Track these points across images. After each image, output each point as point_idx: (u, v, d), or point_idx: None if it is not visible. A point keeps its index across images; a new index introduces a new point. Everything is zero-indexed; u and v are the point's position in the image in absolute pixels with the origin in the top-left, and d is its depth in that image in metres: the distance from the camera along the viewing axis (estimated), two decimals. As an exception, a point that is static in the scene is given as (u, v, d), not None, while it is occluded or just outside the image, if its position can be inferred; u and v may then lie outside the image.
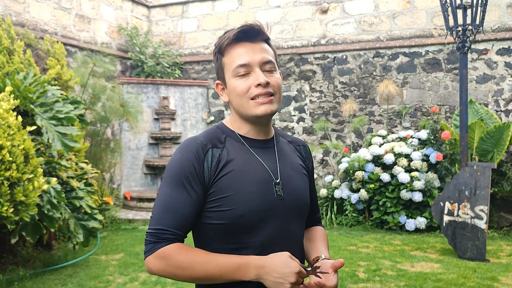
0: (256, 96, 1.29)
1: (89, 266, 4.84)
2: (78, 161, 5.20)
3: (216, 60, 1.37)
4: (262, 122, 1.35)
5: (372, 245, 5.64)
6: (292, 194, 1.35)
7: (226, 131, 1.37)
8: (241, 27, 1.30)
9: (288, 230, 1.33)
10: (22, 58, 5.42)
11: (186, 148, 1.30)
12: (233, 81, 1.31)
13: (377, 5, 7.70)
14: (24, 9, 6.76)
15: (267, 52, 1.34)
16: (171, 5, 9.32)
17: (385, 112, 7.55)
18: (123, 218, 7.03)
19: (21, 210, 3.68)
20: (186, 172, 1.26)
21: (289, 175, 1.37)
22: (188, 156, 1.27)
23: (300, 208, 1.39)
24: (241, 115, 1.35)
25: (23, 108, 4.43)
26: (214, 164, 1.28)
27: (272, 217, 1.29)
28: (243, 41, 1.31)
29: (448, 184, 5.20)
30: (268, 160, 1.35)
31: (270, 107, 1.29)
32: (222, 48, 1.33)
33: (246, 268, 1.18)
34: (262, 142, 1.38)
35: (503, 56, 6.82)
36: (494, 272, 4.52)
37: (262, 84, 1.27)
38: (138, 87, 8.30)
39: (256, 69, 1.29)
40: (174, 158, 1.30)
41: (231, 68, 1.31)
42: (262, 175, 1.31)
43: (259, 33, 1.32)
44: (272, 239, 1.29)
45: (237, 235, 1.27)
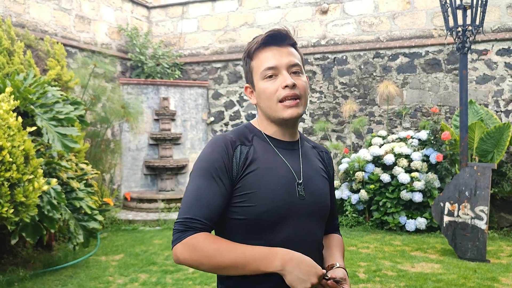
0: (284, 99, 1.33)
1: (89, 267, 4.84)
2: (78, 162, 5.20)
3: (245, 64, 1.43)
4: (289, 125, 1.40)
5: (372, 245, 5.64)
6: (314, 196, 1.38)
7: (254, 130, 1.42)
8: (268, 32, 1.36)
9: (308, 230, 1.37)
10: (22, 59, 5.42)
11: (216, 143, 1.34)
12: (261, 83, 1.37)
13: (377, 5, 7.71)
14: (24, 10, 6.76)
15: (294, 55, 1.38)
16: (171, 6, 9.33)
17: (385, 113, 7.55)
18: (123, 218, 7.03)
19: (21, 211, 3.68)
20: (216, 165, 1.30)
21: (311, 177, 1.41)
22: (218, 150, 1.32)
23: (321, 210, 1.42)
24: (268, 117, 1.40)
25: (23, 109, 4.43)
26: (242, 160, 1.33)
27: (293, 216, 1.33)
28: (270, 45, 1.37)
29: (448, 184, 5.20)
30: (292, 161, 1.39)
31: (296, 110, 1.34)
32: (250, 52, 1.39)
33: (273, 257, 1.19)
34: (288, 144, 1.42)
35: (503, 56, 6.82)
36: (495, 273, 4.51)
37: (289, 85, 1.32)
38: (138, 88, 8.30)
39: (283, 72, 1.34)
40: (204, 152, 1.35)
41: (259, 71, 1.36)
42: (285, 175, 1.35)
43: (286, 37, 1.38)
44: (293, 238, 1.31)
45: (259, 232, 1.29)
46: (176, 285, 4.26)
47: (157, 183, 8.25)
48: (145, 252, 5.41)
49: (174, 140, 8.37)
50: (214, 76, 8.78)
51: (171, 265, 4.90)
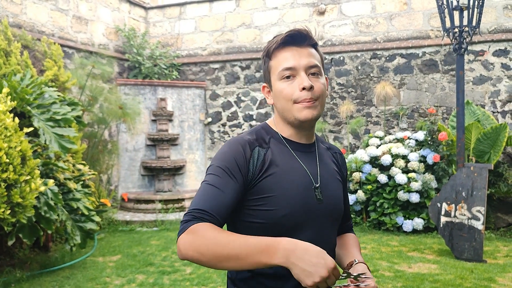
0: (300, 101, 1.30)
1: (86, 268, 4.83)
2: (76, 162, 5.19)
3: (263, 63, 1.41)
4: (305, 127, 1.37)
5: (369, 246, 5.65)
6: (330, 199, 1.37)
7: (270, 132, 1.40)
8: (289, 32, 1.34)
9: (324, 234, 1.35)
10: (19, 59, 5.41)
11: (233, 143, 1.33)
12: (278, 84, 1.34)
13: (374, 6, 7.72)
14: (21, 10, 6.75)
15: (313, 56, 1.35)
16: (169, 7, 9.32)
17: (382, 113, 7.56)
18: (121, 219, 7.02)
19: (18, 212, 3.67)
20: (230, 163, 1.28)
21: (327, 180, 1.40)
22: (235, 149, 1.30)
23: (336, 214, 1.41)
24: (284, 118, 1.37)
25: (20, 109, 4.42)
26: (259, 162, 1.31)
27: (311, 220, 1.31)
28: (290, 45, 1.34)
29: (445, 185, 5.22)
30: (309, 164, 1.37)
31: (312, 112, 1.32)
32: (270, 52, 1.37)
33: (274, 249, 1.08)
34: (304, 146, 1.40)
35: (499, 57, 6.85)
36: (491, 273, 4.53)
37: (307, 87, 1.29)
38: (135, 88, 8.30)
39: (301, 73, 1.31)
40: (220, 151, 1.33)
41: (277, 71, 1.34)
42: (303, 179, 1.33)
43: (306, 38, 1.35)
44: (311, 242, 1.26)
45: (277, 236, 1.22)
46: (173, 286, 4.26)
47: (155, 184, 8.24)
48: (142, 253, 5.40)
49: (171, 140, 8.36)
50: (212, 77, 8.78)
51: (169, 266, 4.90)
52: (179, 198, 7.69)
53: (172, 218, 7.06)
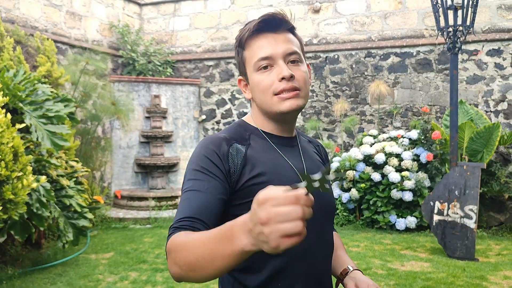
0: (280, 92, 1.19)
1: (79, 265, 4.81)
2: (68, 159, 5.16)
3: (237, 54, 1.28)
4: (288, 119, 1.27)
5: (362, 244, 5.67)
6: (319, 195, 1.21)
7: (249, 128, 1.29)
8: (262, 17, 1.21)
9: (321, 234, 1.25)
10: (12, 55, 5.37)
11: (206, 142, 1.20)
12: (255, 75, 1.22)
13: (369, 5, 7.73)
14: (14, 5, 6.69)
15: (292, 42, 1.23)
16: (163, 3, 9.28)
17: (376, 112, 7.58)
18: (114, 216, 6.99)
19: (9, 209, 3.64)
20: (204, 162, 1.15)
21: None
22: (209, 148, 1.17)
23: (329, 209, 1.30)
24: (265, 112, 1.26)
25: (13, 106, 4.39)
26: (240, 160, 1.18)
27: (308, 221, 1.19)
28: (265, 32, 1.21)
29: (438, 183, 5.24)
30: (293, 159, 1.27)
31: (295, 102, 1.19)
32: (242, 41, 1.24)
33: (231, 235, 0.82)
34: (287, 140, 1.30)
35: (493, 57, 6.88)
36: (483, 271, 4.56)
37: (286, 77, 1.17)
38: (129, 85, 8.26)
39: (280, 62, 1.19)
40: (195, 152, 1.20)
41: (253, 62, 1.22)
42: (290, 176, 1.21)
43: (282, 22, 1.22)
44: (307, 245, 1.14)
45: None
46: (166, 283, 4.25)
47: (148, 181, 8.22)
48: (135, 250, 5.39)
49: (165, 138, 8.34)
50: (206, 74, 8.76)
51: (162, 263, 4.88)
52: (173, 195, 7.68)
53: (166, 216, 7.05)
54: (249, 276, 1.17)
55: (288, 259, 1.16)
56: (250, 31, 1.21)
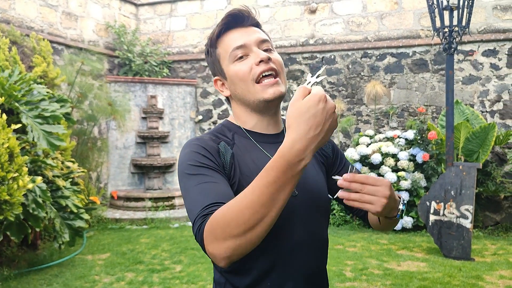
0: (260, 76, 1.17)
1: (75, 266, 4.79)
2: (64, 160, 5.15)
3: (209, 55, 1.27)
4: (271, 109, 1.22)
5: (359, 244, 5.68)
6: (308, 191, 1.21)
7: (232, 128, 1.26)
8: (228, 13, 1.22)
9: (314, 231, 1.22)
10: (8, 55, 5.35)
11: (193, 142, 1.16)
12: (231, 67, 1.20)
13: (365, 5, 7.75)
14: (9, 6, 6.67)
15: (261, 33, 1.24)
16: (160, 4, 9.28)
17: (373, 112, 7.60)
18: (110, 217, 6.98)
19: (5, 209, 3.63)
20: (202, 157, 1.11)
21: None
22: (198, 146, 1.14)
23: (320, 205, 1.25)
24: (247, 104, 1.22)
25: (8, 106, 4.37)
26: (229, 157, 1.16)
27: (293, 218, 1.16)
28: (234, 27, 1.23)
29: (434, 184, 5.26)
30: None
31: (278, 88, 1.18)
32: (213, 40, 1.24)
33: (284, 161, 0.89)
34: (272, 137, 1.25)
35: (488, 57, 6.90)
36: (479, 271, 4.57)
37: (264, 59, 1.16)
38: (125, 85, 8.24)
39: (254, 48, 1.19)
40: (182, 154, 1.15)
41: (227, 55, 1.21)
42: None
43: (249, 17, 1.24)
44: (298, 243, 1.17)
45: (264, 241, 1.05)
46: (162, 284, 4.24)
47: (145, 182, 8.20)
48: (132, 251, 5.38)
49: (161, 138, 8.32)
50: (203, 75, 8.75)
51: (158, 264, 4.88)
52: (169, 196, 7.66)
53: (162, 216, 7.03)
54: (239, 277, 1.17)
55: (276, 258, 1.15)
56: (219, 27, 1.22)
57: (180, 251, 5.36)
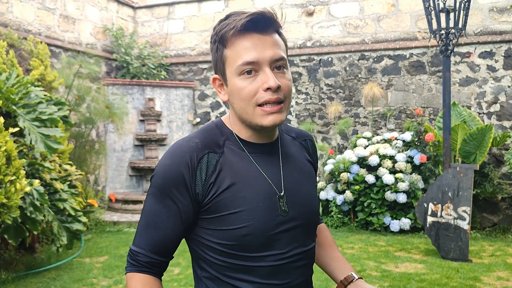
0: (264, 103, 1.08)
1: (73, 269, 4.79)
2: (62, 162, 5.14)
3: (215, 50, 1.13)
4: (267, 131, 1.16)
5: (357, 246, 5.68)
6: (300, 207, 1.17)
7: (226, 132, 1.17)
8: (250, 15, 1.07)
9: (301, 248, 1.17)
10: (5, 58, 5.34)
11: (176, 151, 1.11)
12: (236, 80, 1.09)
13: (362, 8, 7.77)
14: (7, 9, 6.67)
15: (279, 47, 1.11)
16: (157, 6, 9.28)
17: (370, 114, 7.61)
18: (108, 220, 6.97)
19: (3, 213, 3.63)
20: (174, 181, 1.08)
21: (295, 184, 1.19)
22: (178, 161, 1.09)
23: (310, 222, 1.21)
24: (243, 121, 1.14)
25: (6, 109, 4.37)
26: (210, 173, 1.09)
27: (279, 236, 1.12)
28: (251, 32, 1.08)
29: (432, 185, 5.27)
30: (271, 169, 1.16)
31: (279, 117, 1.10)
32: (225, 37, 1.10)
33: None
34: (265, 147, 1.18)
35: (485, 59, 6.93)
36: (477, 272, 4.58)
37: (273, 88, 1.06)
38: (123, 88, 8.25)
39: (266, 69, 1.07)
40: (161, 164, 1.11)
41: (235, 65, 1.08)
42: (264, 189, 1.12)
43: (271, 22, 1.10)
44: (282, 263, 1.13)
45: (240, 258, 1.09)
46: None
47: (143, 184, 8.20)
48: (129, 253, 5.36)
49: (159, 141, 8.33)
50: (200, 77, 8.76)
51: (156, 266, 4.87)
52: (167, 198, 7.65)
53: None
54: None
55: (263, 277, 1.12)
56: (236, 28, 1.07)
57: (178, 253, 5.36)
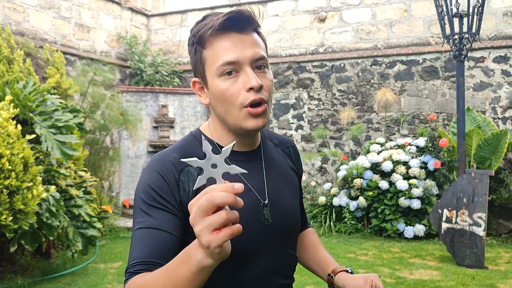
0: (249, 104, 1.05)
1: (88, 274, 4.83)
2: (77, 169, 5.21)
3: (194, 52, 1.09)
4: (251, 135, 1.13)
5: (371, 252, 5.64)
6: (282, 216, 1.15)
7: None
8: (227, 14, 1.03)
9: (284, 257, 1.16)
10: (22, 67, 5.45)
11: (153, 167, 1.07)
12: (217, 82, 1.05)
13: (374, 13, 7.76)
14: (24, 18, 6.80)
15: (259, 45, 1.07)
16: (170, 14, 9.39)
17: (383, 120, 7.58)
18: (122, 226, 7.02)
19: (20, 219, 3.68)
20: (158, 189, 1.03)
21: (279, 192, 1.16)
22: (158, 174, 1.05)
23: (293, 232, 1.20)
24: (226, 124, 1.10)
25: (23, 116, 4.45)
26: (191, 185, 1.05)
27: (264, 245, 1.10)
28: (229, 31, 1.04)
29: (446, 191, 5.22)
30: (254, 177, 1.13)
31: (262, 120, 1.07)
32: (203, 38, 1.06)
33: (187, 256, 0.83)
34: (247, 155, 1.15)
35: (499, 64, 6.87)
36: (493, 280, 4.52)
37: (255, 88, 1.03)
38: (137, 95, 8.33)
39: (247, 69, 1.04)
40: (141, 182, 1.07)
41: (215, 66, 1.04)
42: (248, 198, 1.06)
43: (250, 21, 1.06)
44: (269, 270, 1.11)
45: (229, 269, 1.05)
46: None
47: (156, 191, 8.24)
48: (143, 259, 5.40)
49: (173, 147, 8.37)
50: (213, 84, 8.81)
51: (170, 272, 4.89)
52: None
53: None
54: None
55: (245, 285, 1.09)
56: (213, 28, 1.03)
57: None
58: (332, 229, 6.70)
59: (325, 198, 6.98)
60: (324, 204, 7.00)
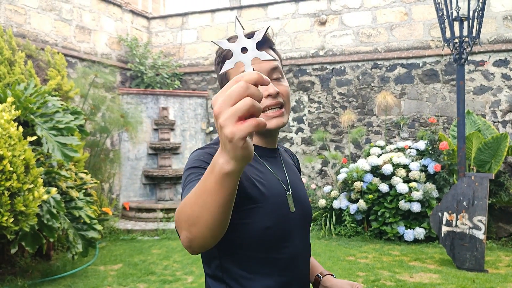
0: (266, 108, 1.21)
1: (88, 276, 4.83)
2: (78, 171, 5.22)
3: (219, 70, 1.28)
4: (272, 135, 1.31)
5: (370, 255, 5.65)
6: (302, 205, 1.30)
7: None
8: (246, 35, 1.14)
9: (305, 243, 1.31)
10: (23, 69, 5.46)
11: (194, 157, 1.20)
12: None
13: (375, 17, 7.78)
14: (25, 20, 6.82)
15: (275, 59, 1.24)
16: (171, 17, 9.41)
17: (383, 123, 7.59)
18: (122, 228, 7.02)
19: (21, 220, 3.69)
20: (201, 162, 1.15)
21: (297, 186, 1.33)
22: (203, 153, 1.18)
23: (309, 219, 1.35)
24: None
25: (24, 118, 4.46)
26: None
27: (292, 231, 1.24)
28: None
29: (446, 194, 5.23)
30: (277, 170, 1.30)
31: (281, 120, 1.24)
32: (227, 57, 1.25)
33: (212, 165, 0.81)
34: (271, 151, 1.33)
35: (499, 67, 6.89)
36: (493, 283, 4.52)
37: (273, 94, 1.20)
38: (137, 97, 8.34)
39: None
40: (189, 159, 1.20)
41: None
42: (277, 187, 1.24)
43: (266, 40, 1.27)
44: (295, 254, 1.24)
45: (264, 250, 1.18)
46: (174, 295, 4.26)
47: (156, 193, 8.25)
48: (143, 261, 5.40)
49: (173, 149, 8.39)
50: (213, 86, 8.83)
51: (170, 275, 4.90)
52: (181, 207, 7.69)
53: (174, 227, 7.06)
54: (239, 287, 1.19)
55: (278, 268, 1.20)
56: None
57: (192, 262, 5.38)
58: (332, 232, 6.70)
59: (325, 201, 6.98)
60: (324, 207, 7.00)
